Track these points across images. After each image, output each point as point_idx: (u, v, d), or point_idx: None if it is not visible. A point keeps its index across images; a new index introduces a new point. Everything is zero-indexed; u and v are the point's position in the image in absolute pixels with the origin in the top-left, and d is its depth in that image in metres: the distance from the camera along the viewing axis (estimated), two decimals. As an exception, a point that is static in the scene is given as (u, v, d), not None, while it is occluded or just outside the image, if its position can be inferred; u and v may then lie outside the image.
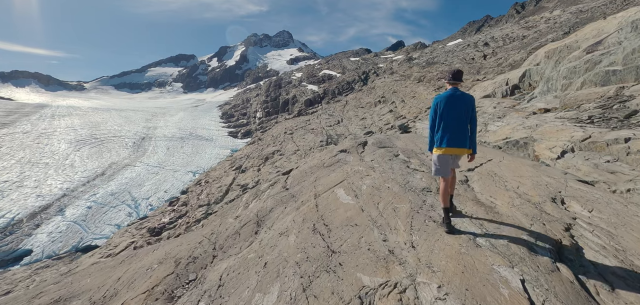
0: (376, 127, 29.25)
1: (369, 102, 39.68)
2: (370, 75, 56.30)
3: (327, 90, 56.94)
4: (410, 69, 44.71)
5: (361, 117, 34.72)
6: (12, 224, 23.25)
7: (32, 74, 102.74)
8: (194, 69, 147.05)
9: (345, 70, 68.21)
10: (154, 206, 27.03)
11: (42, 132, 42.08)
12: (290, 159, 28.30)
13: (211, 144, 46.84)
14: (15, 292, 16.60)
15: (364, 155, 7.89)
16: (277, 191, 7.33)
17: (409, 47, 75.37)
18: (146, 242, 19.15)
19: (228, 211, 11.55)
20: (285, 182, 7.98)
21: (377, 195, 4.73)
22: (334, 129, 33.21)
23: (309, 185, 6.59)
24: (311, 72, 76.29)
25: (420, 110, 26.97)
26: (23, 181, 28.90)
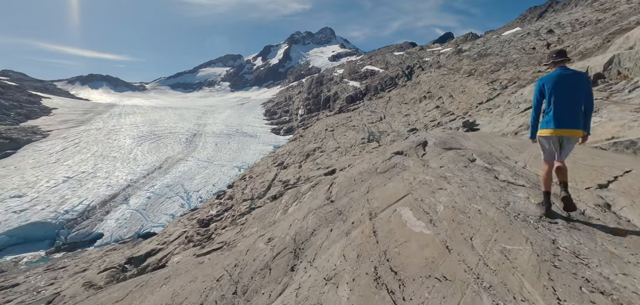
0: (421, 124, 27.86)
1: (413, 98, 38.02)
2: (415, 69, 53.95)
3: (369, 87, 55.82)
4: (460, 62, 41.88)
5: (405, 114, 33.39)
6: (87, 210, 26.42)
7: (104, 77, 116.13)
8: (240, 68, 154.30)
9: (388, 66, 66.22)
10: (203, 199, 28.82)
11: (111, 128, 47.26)
12: (331, 156, 28.21)
13: (255, 140, 48.67)
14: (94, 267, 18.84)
15: (427, 160, 6.58)
16: (320, 203, 6.21)
17: (459, 38, 70.73)
18: (196, 233, 20.47)
19: (266, 214, 11.25)
20: (329, 191, 6.84)
21: (466, 222, 3.31)
22: (375, 126, 32.39)
23: (360, 198, 5.40)
24: (353, 68, 75.40)
25: (471, 106, 25.07)
26: (96, 172, 32.70)
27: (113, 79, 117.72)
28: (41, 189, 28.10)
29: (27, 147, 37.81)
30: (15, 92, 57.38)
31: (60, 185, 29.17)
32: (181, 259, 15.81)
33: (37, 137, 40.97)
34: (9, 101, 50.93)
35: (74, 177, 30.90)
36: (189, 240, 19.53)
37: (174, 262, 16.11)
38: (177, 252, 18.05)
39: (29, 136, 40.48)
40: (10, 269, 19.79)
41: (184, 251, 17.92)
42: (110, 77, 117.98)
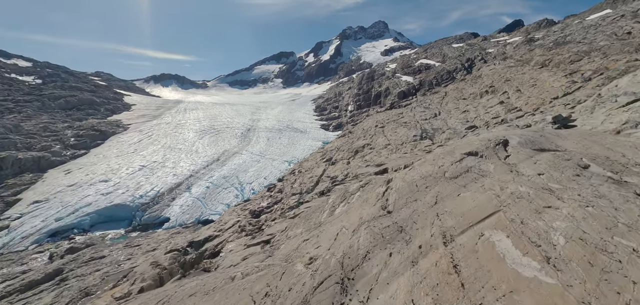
0: (481, 121, 25.55)
1: (473, 93, 35.05)
2: (475, 62, 49.68)
3: (423, 81, 52.98)
4: (531, 52, 37.38)
5: (463, 110, 30.94)
6: (157, 196, 29.57)
7: (173, 76, 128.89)
8: (292, 65, 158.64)
9: (446, 59, 62.06)
10: (255, 190, 30.27)
11: (178, 123, 52.25)
12: (381, 153, 27.41)
13: (305, 135, 49.60)
14: (162, 248, 21.07)
15: (515, 164, 5.20)
16: (374, 213, 5.22)
17: (530, 26, 63.22)
18: (248, 223, 21.59)
19: (313, 214, 10.90)
20: (384, 198, 5.73)
21: (616, 270, 2.10)
22: (429, 123, 30.59)
23: (427, 211, 4.37)
24: (406, 62, 72.31)
25: (543, 101, 22.19)
26: (165, 162, 36.45)
27: (180, 78, 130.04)
28: (122, 175, 32.23)
29: (112, 138, 43.68)
30: (105, 90, 66.68)
31: (136, 172, 33.14)
32: (234, 247, 16.79)
33: (119, 129, 47.09)
34: (100, 98, 59.38)
35: (147, 166, 34.86)
36: (242, 229, 20.63)
37: (228, 249, 17.18)
38: (231, 240, 19.20)
39: (114, 129, 46.70)
40: (99, 242, 23.08)
41: (237, 239, 18.98)
42: (178, 76, 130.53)
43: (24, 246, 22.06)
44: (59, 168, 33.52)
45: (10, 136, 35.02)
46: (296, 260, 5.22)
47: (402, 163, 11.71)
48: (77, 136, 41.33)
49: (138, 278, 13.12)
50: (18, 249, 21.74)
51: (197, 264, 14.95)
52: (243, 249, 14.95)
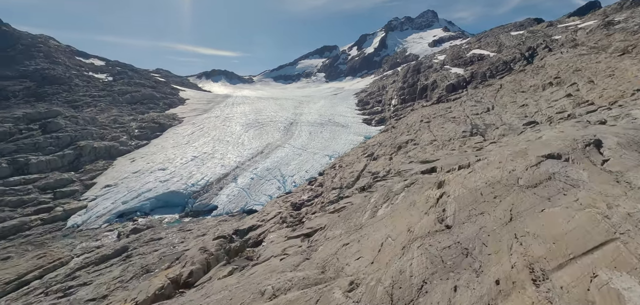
0: (543, 116, 23.01)
1: (533, 85, 31.71)
2: (538, 50, 44.82)
3: (475, 73, 49.28)
4: (609, 37, 32.64)
5: (521, 104, 28.16)
6: (207, 185, 31.63)
7: (222, 72, 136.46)
8: (335, 58, 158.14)
9: (502, 48, 56.94)
10: (297, 183, 30.86)
11: (226, 116, 55.21)
12: (425, 149, 26.14)
13: (346, 130, 49.25)
14: (210, 234, 22.57)
15: (620, 172, 3.95)
16: (428, 226, 4.32)
17: (608, 8, 55.15)
18: (289, 215, 22.10)
19: (353, 213, 10.19)
20: (440, 207, 4.69)
21: None
22: (481, 118, 28.38)
23: (500, 230, 3.42)
24: (456, 53, 67.84)
25: (622, 93, 19.26)
26: (214, 154, 38.81)
27: (229, 73, 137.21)
28: (177, 165, 35.03)
29: (169, 130, 47.64)
30: (163, 86, 72.89)
31: (189, 162, 35.77)
32: (275, 238, 17.29)
33: (175, 122, 51.18)
34: (159, 93, 65.07)
35: (198, 157, 37.44)
36: (283, 220, 21.17)
37: (269, 240, 17.76)
38: (273, 231, 19.81)
39: (171, 121, 50.88)
40: (157, 225, 25.43)
41: (278, 230, 19.53)
42: (227, 71, 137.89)
43: (98, 225, 25.12)
44: (126, 156, 37.49)
45: (88, 127, 39.96)
46: (334, 278, 4.41)
47: (453, 162, 10.77)
48: (140, 128, 45.80)
49: (188, 261, 14.13)
50: (93, 227, 24.83)
51: (241, 252, 15.66)
52: (283, 240, 15.30)
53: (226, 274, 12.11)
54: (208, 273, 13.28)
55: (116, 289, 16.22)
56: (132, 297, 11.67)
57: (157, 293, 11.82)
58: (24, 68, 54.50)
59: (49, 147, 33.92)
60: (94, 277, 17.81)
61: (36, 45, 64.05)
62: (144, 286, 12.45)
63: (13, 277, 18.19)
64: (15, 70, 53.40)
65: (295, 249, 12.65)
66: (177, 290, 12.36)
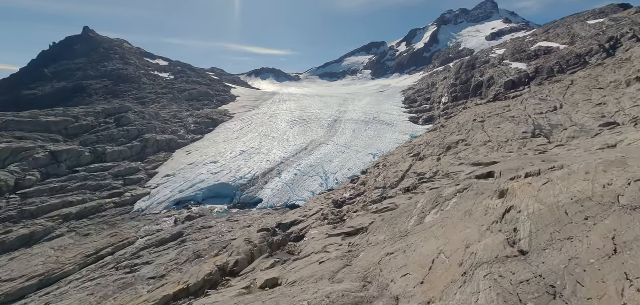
0: (626, 116, 19.90)
1: (615, 81, 27.56)
2: (623, 41, 38.82)
3: (540, 68, 44.40)
4: None
5: (597, 103, 24.68)
6: (253, 178, 33.11)
7: (270, 70, 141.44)
8: (382, 55, 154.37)
9: (575, 39, 50.43)
10: (339, 181, 30.81)
11: (272, 113, 57.18)
12: (478, 151, 24.27)
13: (391, 128, 47.84)
14: (255, 226, 23.66)
15: None
16: (497, 251, 3.40)
17: None
18: (330, 212, 22.17)
19: (398, 218, 9.26)
20: (511, 227, 3.76)
21: None
22: (546, 118, 25.49)
23: (600, 264, 2.62)
24: (519, 46, 61.79)
25: None
26: (260, 149, 40.47)
27: (277, 71, 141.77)
28: (227, 159, 37.22)
29: (221, 125, 50.81)
30: (217, 84, 77.95)
31: (237, 157, 37.78)
32: (316, 235, 17.46)
33: (226, 118, 54.41)
34: (213, 91, 69.73)
35: (246, 152, 39.35)
36: (325, 217, 21.30)
37: (310, 236, 17.99)
38: (315, 227, 20.04)
39: (222, 117, 54.23)
40: (208, 214, 27.33)
41: (319, 227, 19.69)
42: (274, 69, 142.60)
43: (159, 210, 27.77)
44: (183, 149, 40.87)
45: (152, 122, 44.34)
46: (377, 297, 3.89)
47: (514, 167, 9.57)
48: (196, 123, 49.56)
49: (234, 251, 14.90)
50: (155, 212, 27.51)
51: (283, 245, 16.07)
52: (324, 238, 15.36)
53: (268, 267, 12.52)
54: (252, 264, 13.87)
55: (172, 270, 17.79)
56: (185, 280, 12.65)
57: (206, 278, 12.67)
58: (104, 68, 62.29)
59: (121, 139, 38.35)
60: (155, 258, 19.73)
61: (113, 48, 72.77)
62: (195, 271, 13.43)
63: (92, 251, 20.96)
64: (97, 70, 61.31)
65: (335, 248, 12.61)
66: (224, 277, 13.12)
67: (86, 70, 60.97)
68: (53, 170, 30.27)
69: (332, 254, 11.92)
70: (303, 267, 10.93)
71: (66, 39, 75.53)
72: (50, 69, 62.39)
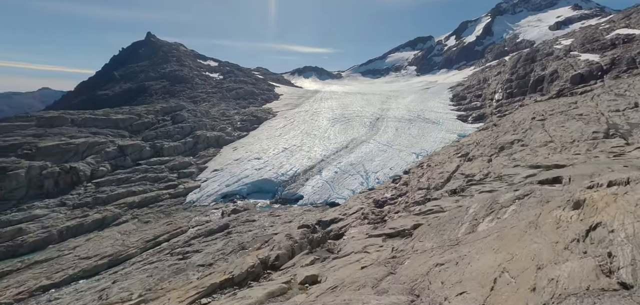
0: None
1: None
2: None
3: (617, 59, 38.93)
4: None
5: (692, 98, 20.92)
6: (295, 175, 33.82)
7: (313, 68, 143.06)
8: (429, 50, 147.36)
9: (662, 23, 43.29)
10: (380, 180, 30.17)
11: (314, 111, 57.78)
12: (537, 152, 22.03)
13: (437, 127, 45.55)
14: (295, 221, 24.21)
15: None
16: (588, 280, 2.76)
17: None
18: (371, 212, 21.79)
19: (446, 224, 8.12)
20: (605, 251, 3.06)
21: None
22: (623, 116, 22.27)
23: None
24: (590, 35, 54.81)
25: None
26: (302, 146, 41.17)
27: (319, 69, 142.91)
28: (269, 155, 38.50)
29: (264, 123, 52.70)
30: (262, 83, 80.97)
31: (280, 153, 38.87)
32: (356, 234, 17.29)
33: (270, 116, 56.27)
34: (258, 89, 72.57)
35: (288, 148, 40.31)
36: (365, 217, 21.01)
37: (350, 235, 17.87)
38: (354, 225, 19.87)
39: (266, 115, 56.19)
40: (252, 208, 28.55)
41: (359, 226, 19.49)
42: (317, 67, 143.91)
43: (207, 202, 29.69)
44: (229, 145, 43.17)
45: (203, 119, 47.50)
46: None
47: (588, 172, 8.28)
48: (242, 120, 52.01)
49: (276, 246, 15.36)
50: (204, 204, 29.47)
51: (323, 243, 16.18)
52: (364, 237, 15.15)
53: (308, 263, 12.70)
54: (292, 259, 14.18)
55: (219, 260, 18.90)
56: (230, 270, 13.35)
57: (249, 270, 13.22)
58: (162, 70, 68.17)
59: (175, 135, 41.69)
60: (203, 247, 21.14)
61: (171, 51, 79.27)
62: (239, 262, 14.09)
63: (151, 237, 23.12)
64: (156, 72, 67.31)
65: (375, 249, 12.36)
66: (265, 270, 13.59)
67: (148, 72, 67.27)
68: (120, 163, 33.96)
69: (372, 254, 11.70)
70: (342, 266, 10.88)
71: (132, 44, 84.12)
72: (119, 71, 69.98)
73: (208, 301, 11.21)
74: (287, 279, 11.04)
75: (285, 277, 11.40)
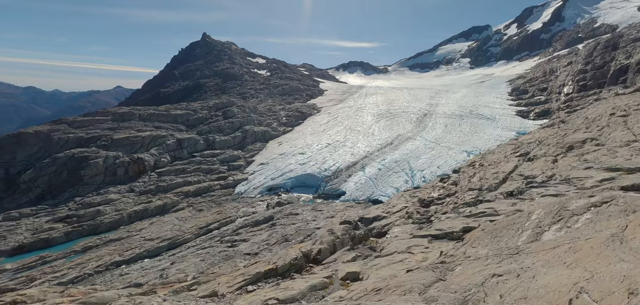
0: None
1: None
2: None
3: None
4: None
5: None
6: (337, 171, 33.86)
7: (358, 63, 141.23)
8: (485, 40, 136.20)
9: None
10: (426, 179, 28.85)
11: (359, 107, 57.08)
12: (616, 152, 19.17)
13: (492, 123, 42.05)
14: (337, 217, 24.31)
15: None
16: None
17: None
18: (416, 211, 20.95)
19: (503, 230, 7.04)
20: None
21: None
22: None
23: None
24: (689, 14, 46.05)
25: None
26: (345, 142, 41.00)
27: (364, 64, 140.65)
28: (313, 150, 39.00)
29: (309, 118, 53.47)
30: (307, 79, 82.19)
31: (323, 149, 39.17)
32: (399, 233, 16.77)
33: (314, 112, 56.92)
34: (304, 85, 73.83)
35: (331, 144, 40.44)
36: (409, 216, 20.26)
37: (393, 234, 17.39)
38: (398, 224, 19.29)
39: (310, 111, 56.96)
40: (295, 202, 29.27)
41: (403, 225, 18.86)
42: (362, 62, 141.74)
43: (254, 195, 31.12)
44: (275, 140, 44.65)
45: (251, 115, 49.77)
46: None
47: None
48: (287, 116, 53.41)
49: (318, 240, 15.54)
50: (251, 196, 30.94)
51: (365, 240, 15.97)
52: (409, 237, 14.62)
53: (350, 259, 12.64)
54: (333, 254, 14.23)
55: (264, 250, 19.74)
56: (274, 261, 13.84)
57: (292, 262, 13.57)
58: (216, 68, 72.76)
59: (226, 129, 44.30)
60: (250, 236, 22.24)
61: (223, 50, 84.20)
62: (283, 254, 14.54)
63: (203, 225, 24.96)
64: (210, 70, 72.06)
65: (420, 250, 11.86)
66: (307, 263, 13.84)
67: (203, 70, 72.35)
68: (178, 154, 37.13)
69: (416, 255, 11.23)
70: (385, 265, 10.62)
71: (190, 45, 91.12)
72: (178, 70, 76.36)
73: (253, 289, 11.74)
74: (329, 273, 11.10)
75: (327, 272, 11.48)
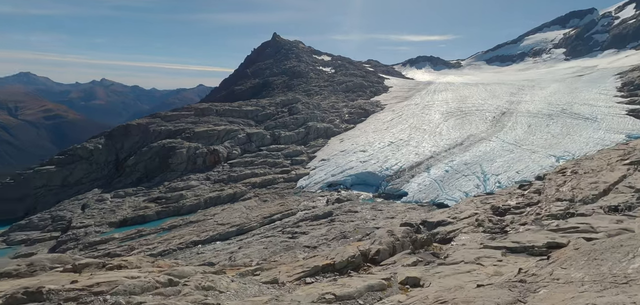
0: None
1: None
2: None
3: None
4: None
5: None
6: (400, 170, 32.63)
7: (427, 58, 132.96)
8: (587, 27, 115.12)
9: None
10: (502, 184, 25.94)
11: (426, 104, 53.91)
12: None
13: (591, 124, 35.56)
14: (398, 218, 23.52)
15: None
16: None
17: None
18: (488, 219, 18.97)
19: (606, 252, 5.44)
20: None
21: None
22: None
23: None
24: None
25: None
26: (409, 141, 39.21)
27: (434, 59, 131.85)
28: (375, 148, 38.24)
29: (372, 116, 52.54)
30: (371, 75, 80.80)
31: (385, 147, 38.09)
32: (467, 242, 15.40)
33: (377, 109, 55.69)
34: (367, 82, 72.81)
35: (394, 143, 39.08)
36: (479, 224, 18.51)
37: (460, 241, 16.06)
38: (465, 232, 17.79)
39: (374, 108, 55.89)
40: (355, 199, 29.16)
41: (472, 233, 17.32)
42: (432, 57, 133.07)
43: (314, 190, 31.93)
44: (337, 137, 45.01)
45: (315, 111, 51.05)
46: None
47: None
48: (350, 113, 53.34)
49: (376, 240, 15.21)
50: (311, 191, 31.82)
51: (427, 245, 15.09)
52: (478, 247, 13.34)
53: (410, 264, 12.07)
54: (393, 256, 13.76)
55: (322, 244, 20.14)
56: (332, 256, 14.00)
57: (350, 260, 13.55)
58: (283, 66, 76.48)
59: (291, 125, 46.27)
60: (309, 230, 22.92)
61: (291, 49, 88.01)
62: (340, 250, 14.61)
63: (267, 215, 26.59)
64: (278, 68, 76.03)
65: (492, 263, 10.72)
66: (365, 263, 13.66)
67: (272, 69, 76.74)
68: (247, 148, 40.17)
69: (487, 268, 10.17)
70: (449, 274, 9.88)
71: (261, 45, 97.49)
72: (250, 69, 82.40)
73: (311, 281, 12.06)
74: (387, 275, 10.79)
75: (385, 274, 11.17)
